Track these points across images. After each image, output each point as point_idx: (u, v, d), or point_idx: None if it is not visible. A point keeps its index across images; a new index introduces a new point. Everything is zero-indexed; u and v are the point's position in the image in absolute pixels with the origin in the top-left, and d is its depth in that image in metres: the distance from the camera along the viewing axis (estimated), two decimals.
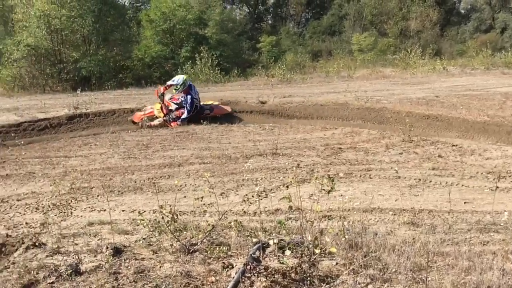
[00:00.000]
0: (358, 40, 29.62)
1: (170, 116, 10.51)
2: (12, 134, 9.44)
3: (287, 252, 3.13)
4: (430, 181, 5.70)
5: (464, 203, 4.94)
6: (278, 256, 3.17)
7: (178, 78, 10.58)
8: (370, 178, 5.88)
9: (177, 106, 10.60)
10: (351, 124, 10.06)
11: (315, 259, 3.15)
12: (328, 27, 35.38)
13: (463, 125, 9.21)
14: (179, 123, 10.31)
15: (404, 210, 4.62)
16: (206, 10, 28.90)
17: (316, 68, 25.35)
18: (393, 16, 32.29)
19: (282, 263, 3.03)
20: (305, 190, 5.17)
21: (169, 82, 10.67)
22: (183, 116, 10.40)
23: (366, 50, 28.76)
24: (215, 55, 22.34)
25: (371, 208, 4.71)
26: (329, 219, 4.17)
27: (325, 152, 7.32)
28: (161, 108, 10.50)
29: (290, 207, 3.37)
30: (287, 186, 5.40)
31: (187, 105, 10.36)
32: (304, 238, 3.32)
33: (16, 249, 3.54)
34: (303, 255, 3.13)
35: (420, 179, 5.75)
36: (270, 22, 39.79)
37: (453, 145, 7.68)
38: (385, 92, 13.50)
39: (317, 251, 3.10)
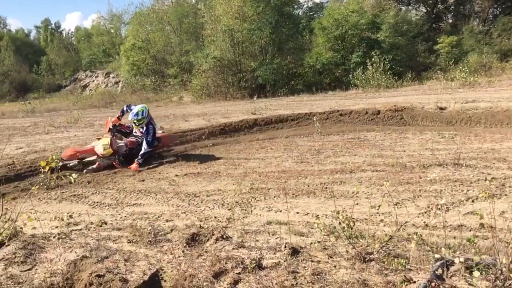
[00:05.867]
0: None
1: (121, 150, 8.25)
2: (203, 137, 10.69)
3: (476, 273, 2.84)
4: None
5: None
6: (465, 276, 2.90)
7: (142, 111, 8.31)
8: None
9: (139, 141, 8.48)
10: None
11: (510, 284, 2.79)
12: None
13: None
14: (140, 161, 8.05)
15: None
16: (379, 13, 28.13)
17: (505, 70, 22.50)
18: None
19: (471, 285, 2.76)
20: (495, 206, 4.60)
21: (131, 117, 8.40)
22: (143, 151, 8.16)
23: None
24: (387, 59, 21.69)
25: None
26: None
27: None
28: (111, 143, 8.09)
29: (482, 225, 3.05)
30: (473, 201, 4.95)
31: (149, 136, 8.22)
32: (497, 260, 2.97)
33: (208, 239, 3.99)
34: (497, 279, 2.80)
35: None
36: (450, 21, 36.61)
37: None
38: None
39: None
